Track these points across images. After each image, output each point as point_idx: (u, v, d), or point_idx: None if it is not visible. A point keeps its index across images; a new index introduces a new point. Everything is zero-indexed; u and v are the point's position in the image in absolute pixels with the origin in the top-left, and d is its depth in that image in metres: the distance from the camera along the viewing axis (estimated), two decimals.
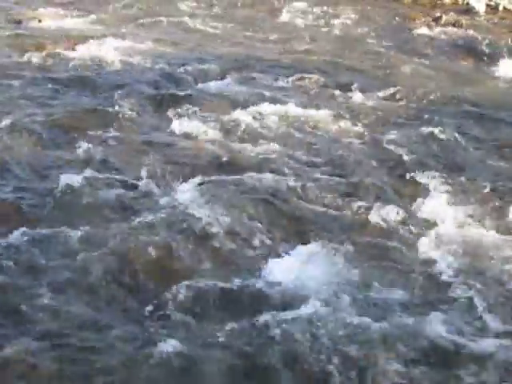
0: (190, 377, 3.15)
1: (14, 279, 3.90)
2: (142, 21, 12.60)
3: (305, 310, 3.57)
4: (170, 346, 3.18)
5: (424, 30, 11.91)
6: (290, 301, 3.72)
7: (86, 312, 3.64)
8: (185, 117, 6.78)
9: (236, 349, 3.31)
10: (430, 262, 4.36)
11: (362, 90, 7.95)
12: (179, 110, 6.95)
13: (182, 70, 8.77)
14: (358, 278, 4.05)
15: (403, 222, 4.91)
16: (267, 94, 7.65)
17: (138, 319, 3.57)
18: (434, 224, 4.90)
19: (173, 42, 10.58)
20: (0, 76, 8.25)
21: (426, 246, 4.54)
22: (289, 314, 3.55)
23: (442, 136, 6.72)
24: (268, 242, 4.53)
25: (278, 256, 4.27)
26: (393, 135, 6.71)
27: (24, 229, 4.42)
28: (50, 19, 12.51)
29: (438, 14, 13.12)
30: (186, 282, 3.86)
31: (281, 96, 7.33)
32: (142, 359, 3.17)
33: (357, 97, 7.70)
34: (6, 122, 6.44)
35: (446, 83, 8.92)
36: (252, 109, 6.96)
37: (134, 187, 5.31)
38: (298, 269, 4.04)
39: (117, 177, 5.50)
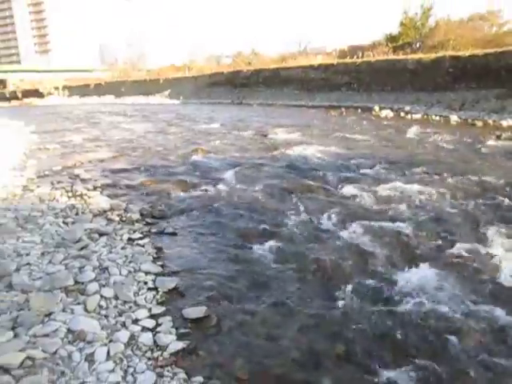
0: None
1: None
2: (329, 135, 14.06)
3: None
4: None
5: (491, 143, 11.78)
6: (416, 302, 3.61)
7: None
8: (348, 186, 7.22)
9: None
10: None
11: (460, 176, 7.71)
12: (345, 182, 7.42)
13: (351, 162, 9.30)
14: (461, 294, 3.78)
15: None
16: (400, 177, 7.77)
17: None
18: None
19: (346, 147, 11.35)
20: (253, 161, 9.63)
21: None
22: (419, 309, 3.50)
23: None
24: (400, 263, 4.42)
25: (415, 267, 4.23)
26: (471, 206, 6.15)
27: (266, 243, 4.87)
28: (282, 134, 14.50)
29: (499, 133, 13.30)
30: (353, 283, 3.98)
31: (410, 188, 7.01)
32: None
33: (459, 181, 7.43)
34: (258, 185, 7.39)
35: None
36: (390, 185, 7.18)
37: (320, 225, 5.57)
38: (429, 281, 3.95)
39: (309, 217, 5.83)
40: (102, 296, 3.67)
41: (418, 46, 32.21)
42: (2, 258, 4.30)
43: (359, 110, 23.91)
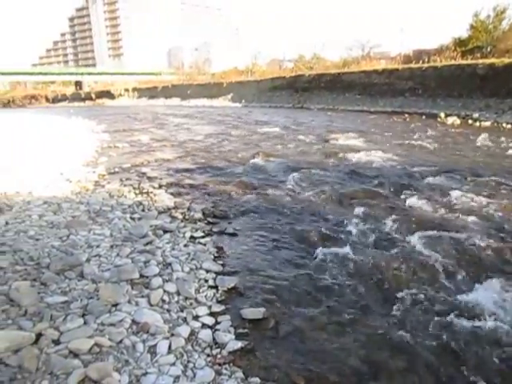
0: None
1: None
2: (392, 142, 13.57)
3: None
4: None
5: None
6: (478, 312, 3.51)
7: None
8: (411, 194, 6.99)
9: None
10: None
11: None
12: (407, 190, 7.21)
13: (415, 170, 8.94)
14: None
15: None
16: (466, 187, 7.44)
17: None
18: None
19: (410, 155, 11.01)
20: (314, 166, 9.54)
21: None
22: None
23: None
24: (464, 275, 4.22)
25: (481, 282, 4.02)
26: None
27: (326, 248, 4.75)
28: (343, 139, 14.24)
29: None
30: (415, 293, 3.81)
31: (476, 199, 6.64)
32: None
33: None
34: (318, 190, 7.37)
35: None
36: (455, 194, 6.87)
37: (381, 233, 5.32)
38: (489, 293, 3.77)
39: (370, 224, 5.56)
40: (165, 291, 3.77)
41: (488, 50, 30.61)
42: (75, 248, 4.54)
43: (423, 117, 23.12)
